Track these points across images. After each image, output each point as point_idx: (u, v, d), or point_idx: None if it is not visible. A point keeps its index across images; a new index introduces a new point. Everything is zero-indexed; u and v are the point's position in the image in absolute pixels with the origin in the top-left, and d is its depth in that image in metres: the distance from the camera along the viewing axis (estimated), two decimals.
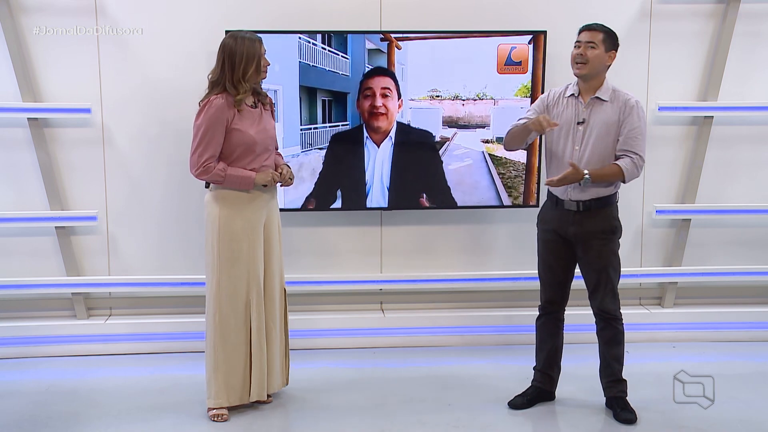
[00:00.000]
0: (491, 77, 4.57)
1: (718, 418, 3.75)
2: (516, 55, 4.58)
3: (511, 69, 4.59)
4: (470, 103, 4.61)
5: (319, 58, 4.44)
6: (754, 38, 4.78)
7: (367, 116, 4.54)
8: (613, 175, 3.61)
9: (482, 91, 4.58)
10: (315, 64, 4.44)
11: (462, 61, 4.55)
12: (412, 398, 4.01)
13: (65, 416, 3.82)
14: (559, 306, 3.87)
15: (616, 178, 3.63)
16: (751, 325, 4.89)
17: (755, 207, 4.87)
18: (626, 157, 3.61)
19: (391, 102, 4.55)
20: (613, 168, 3.60)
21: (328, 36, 4.44)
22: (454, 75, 4.56)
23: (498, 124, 4.60)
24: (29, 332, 4.61)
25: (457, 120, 4.62)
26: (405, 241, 4.86)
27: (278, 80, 4.39)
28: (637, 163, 3.61)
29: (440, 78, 4.56)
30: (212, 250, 3.69)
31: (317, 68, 4.45)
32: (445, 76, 4.56)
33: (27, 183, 4.61)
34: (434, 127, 4.61)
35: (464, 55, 4.56)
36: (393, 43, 4.46)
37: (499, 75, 4.59)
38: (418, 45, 4.52)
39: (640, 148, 3.62)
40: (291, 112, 4.48)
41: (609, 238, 3.69)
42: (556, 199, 3.74)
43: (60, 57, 4.51)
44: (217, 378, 3.73)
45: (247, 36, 3.64)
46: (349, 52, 4.46)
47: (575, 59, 3.64)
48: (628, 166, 3.59)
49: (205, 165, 3.60)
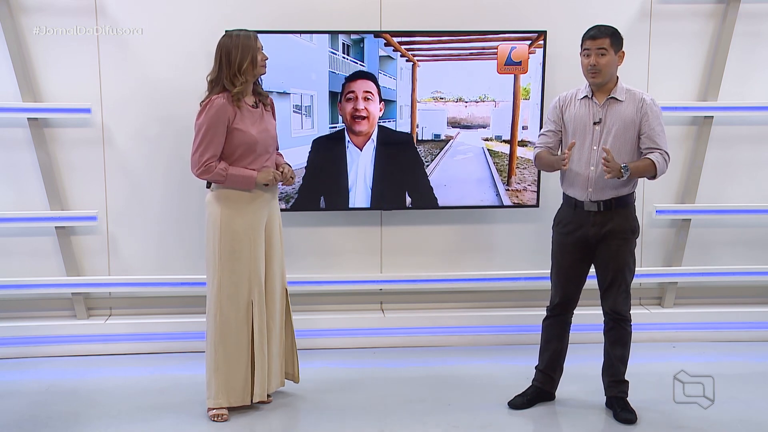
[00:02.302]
0: (491, 77, 4.59)
1: (718, 418, 3.75)
2: (516, 55, 4.58)
3: (511, 69, 4.59)
4: (472, 105, 4.63)
5: (341, 67, 4.50)
6: (754, 38, 4.78)
7: (349, 119, 4.55)
8: (647, 169, 3.62)
9: (484, 94, 4.61)
10: (338, 72, 4.51)
11: (462, 61, 4.57)
12: (412, 398, 4.01)
13: (65, 416, 3.82)
14: (569, 309, 3.87)
15: (649, 173, 3.63)
16: (751, 325, 4.89)
17: (755, 207, 4.87)
18: (654, 152, 3.62)
19: (373, 105, 4.55)
20: (646, 161, 3.61)
21: (347, 46, 4.48)
22: (457, 77, 4.59)
23: (497, 124, 4.66)
24: (29, 332, 4.61)
25: (460, 121, 4.64)
26: (405, 241, 4.86)
27: (314, 86, 4.51)
28: (666, 158, 3.63)
29: (443, 80, 4.59)
30: (213, 249, 3.69)
31: (338, 75, 4.51)
32: (448, 78, 4.59)
33: (27, 183, 4.61)
34: (440, 128, 4.64)
35: (465, 55, 4.57)
36: (415, 65, 4.53)
37: (499, 75, 4.59)
38: (430, 63, 4.59)
39: (664, 143, 3.65)
40: (322, 113, 4.55)
41: (628, 238, 3.70)
42: (575, 202, 3.73)
43: (60, 57, 4.51)
44: (218, 378, 3.73)
45: (241, 33, 3.66)
46: (366, 60, 4.52)
47: (588, 69, 3.63)
48: (659, 160, 3.61)
49: (206, 164, 3.60)
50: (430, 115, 4.63)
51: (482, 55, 4.57)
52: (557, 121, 3.76)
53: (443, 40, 4.55)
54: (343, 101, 4.53)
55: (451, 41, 4.55)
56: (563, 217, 3.81)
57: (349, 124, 4.56)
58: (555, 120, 3.77)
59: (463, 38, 4.55)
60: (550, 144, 3.78)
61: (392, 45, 4.49)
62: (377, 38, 4.49)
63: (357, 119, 4.55)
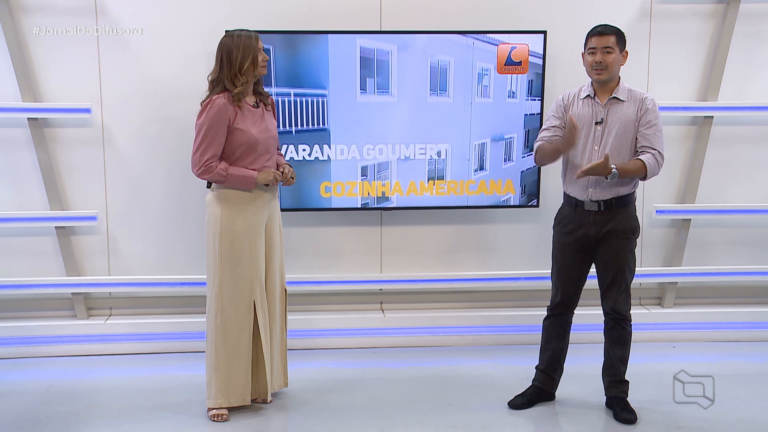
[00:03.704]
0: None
1: (718, 418, 3.75)
2: (516, 55, 4.58)
3: (511, 69, 4.59)
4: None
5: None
6: (754, 38, 4.78)
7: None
8: (636, 170, 3.61)
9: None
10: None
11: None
12: (412, 398, 4.01)
13: (65, 416, 3.82)
14: (569, 309, 3.87)
15: (639, 174, 3.62)
16: (751, 325, 4.89)
17: (755, 207, 4.87)
18: (647, 152, 3.62)
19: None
20: (637, 163, 3.61)
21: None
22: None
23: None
24: (29, 332, 4.61)
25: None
26: (405, 241, 4.86)
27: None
28: (658, 159, 3.62)
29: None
30: (214, 250, 3.69)
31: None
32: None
33: (27, 183, 4.61)
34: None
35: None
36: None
37: (499, 75, 4.59)
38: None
39: (659, 144, 3.63)
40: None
41: (628, 238, 3.69)
42: (575, 201, 3.73)
43: (60, 57, 4.51)
44: (218, 378, 3.73)
45: (243, 32, 3.65)
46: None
47: (594, 66, 3.62)
48: (650, 161, 3.60)
49: (206, 164, 3.60)
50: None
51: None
52: (561, 117, 3.75)
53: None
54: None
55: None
56: (564, 216, 3.81)
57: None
58: (559, 116, 3.76)
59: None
60: (554, 138, 3.76)
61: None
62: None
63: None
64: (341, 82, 4.53)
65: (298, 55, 4.47)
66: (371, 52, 4.52)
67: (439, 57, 4.56)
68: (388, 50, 4.52)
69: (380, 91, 4.57)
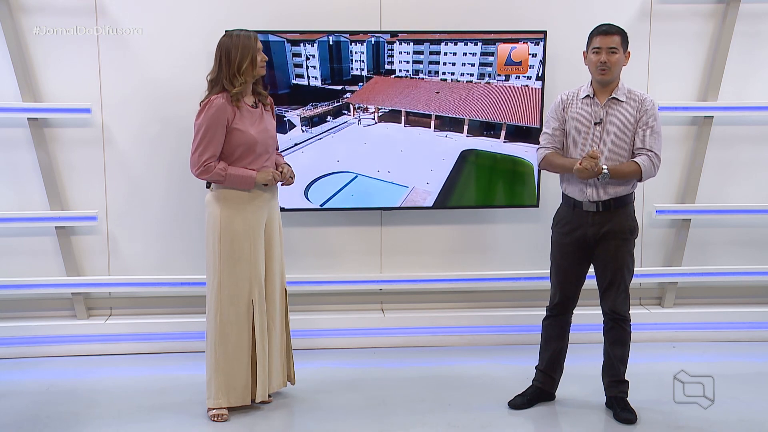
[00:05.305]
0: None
1: (718, 418, 3.75)
2: (516, 55, 4.58)
3: (511, 69, 4.60)
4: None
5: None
6: (754, 38, 4.78)
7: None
8: (631, 173, 3.61)
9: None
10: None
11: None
12: (412, 398, 4.01)
13: (65, 416, 3.82)
14: (568, 308, 3.86)
15: (634, 176, 3.62)
16: (751, 325, 4.89)
17: (755, 207, 4.87)
18: (643, 154, 3.61)
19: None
20: (632, 165, 3.61)
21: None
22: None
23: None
24: (29, 332, 4.61)
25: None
26: (405, 241, 4.86)
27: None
28: (654, 161, 3.62)
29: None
30: (213, 250, 3.69)
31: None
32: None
33: (27, 183, 4.61)
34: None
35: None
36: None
37: (499, 75, 4.60)
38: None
39: (656, 146, 3.63)
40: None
41: (627, 238, 3.69)
42: (574, 202, 3.73)
43: (60, 57, 4.51)
44: (218, 378, 3.73)
45: (242, 33, 3.66)
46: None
47: (598, 66, 3.61)
48: (645, 163, 3.59)
49: (205, 164, 3.60)
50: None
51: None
52: (560, 119, 3.75)
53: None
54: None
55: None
56: (562, 217, 3.81)
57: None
58: (558, 118, 3.76)
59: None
60: (557, 144, 3.76)
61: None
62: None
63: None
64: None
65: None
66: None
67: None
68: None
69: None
